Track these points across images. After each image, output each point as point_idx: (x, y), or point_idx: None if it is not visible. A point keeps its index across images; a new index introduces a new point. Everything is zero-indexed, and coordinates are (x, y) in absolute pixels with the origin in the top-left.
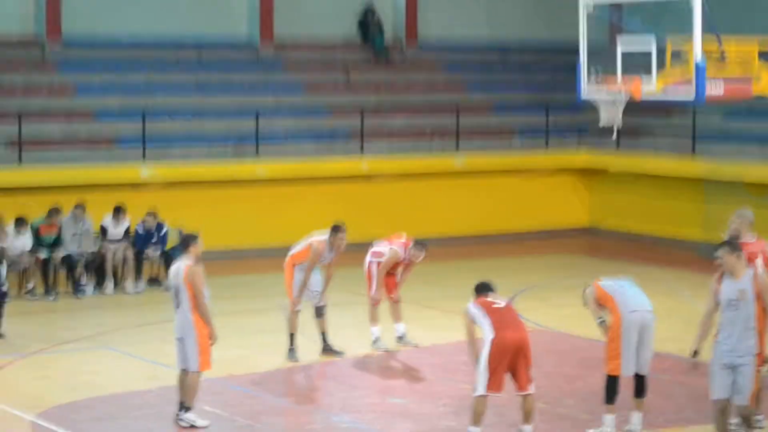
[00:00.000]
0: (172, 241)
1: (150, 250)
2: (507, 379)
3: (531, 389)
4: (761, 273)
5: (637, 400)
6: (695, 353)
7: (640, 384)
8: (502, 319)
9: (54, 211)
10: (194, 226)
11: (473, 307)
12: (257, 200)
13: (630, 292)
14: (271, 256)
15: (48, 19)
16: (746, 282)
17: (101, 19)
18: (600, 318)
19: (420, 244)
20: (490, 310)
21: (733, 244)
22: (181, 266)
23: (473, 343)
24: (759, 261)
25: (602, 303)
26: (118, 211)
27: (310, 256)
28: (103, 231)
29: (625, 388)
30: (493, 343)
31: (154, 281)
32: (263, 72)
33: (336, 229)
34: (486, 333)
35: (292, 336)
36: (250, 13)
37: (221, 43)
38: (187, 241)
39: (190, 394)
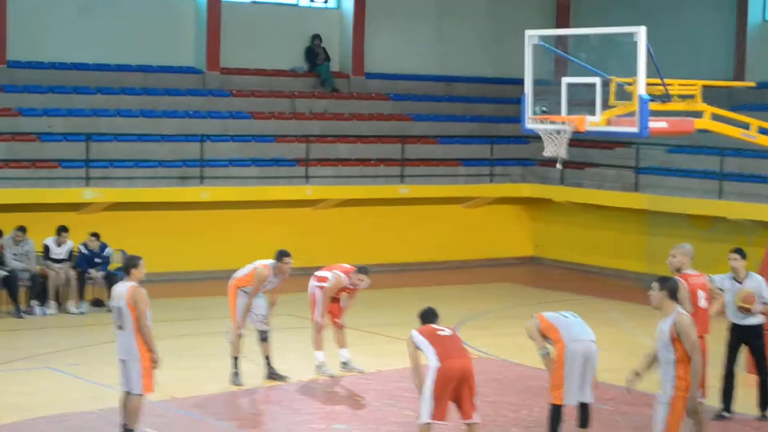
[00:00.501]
0: (115, 263)
1: (93, 271)
2: (451, 407)
3: (476, 418)
4: (686, 316)
5: (581, 430)
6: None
7: (584, 413)
8: (447, 347)
9: None
10: (138, 248)
11: (417, 335)
12: (201, 224)
13: (573, 322)
14: (215, 280)
15: None
16: (668, 323)
17: (46, 42)
18: (543, 350)
19: (363, 270)
20: (435, 338)
21: (665, 280)
22: (124, 288)
23: (418, 370)
24: (701, 293)
25: (546, 334)
26: (60, 231)
27: (254, 280)
28: (46, 251)
29: (569, 417)
30: (438, 371)
31: (97, 302)
32: (209, 98)
33: (281, 255)
34: (431, 361)
35: (235, 359)
36: (197, 41)
37: (167, 68)
38: (129, 264)
39: (133, 416)
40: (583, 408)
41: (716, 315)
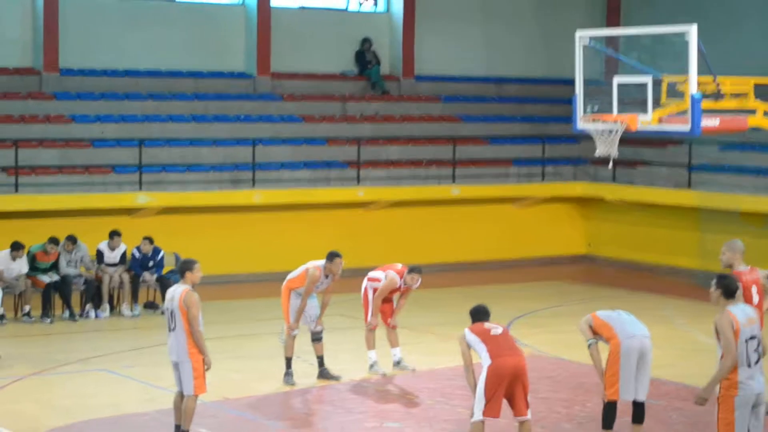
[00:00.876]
0: (168, 266)
1: (147, 274)
2: (504, 404)
3: (528, 414)
4: (725, 314)
5: (635, 427)
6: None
7: (638, 410)
8: (499, 345)
9: (51, 241)
10: (190, 252)
11: (469, 334)
12: (254, 227)
13: (627, 319)
14: (267, 282)
15: (45, 49)
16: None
17: (98, 50)
18: (590, 340)
19: (415, 270)
20: (487, 337)
21: (722, 278)
22: (177, 291)
23: (470, 369)
24: (754, 289)
25: (599, 332)
26: (113, 236)
27: (306, 281)
28: (99, 256)
29: (623, 414)
30: (490, 369)
31: (150, 305)
32: (260, 102)
33: (332, 256)
34: (483, 359)
35: (288, 360)
36: (247, 47)
37: (218, 73)
38: (184, 267)
39: (187, 417)
40: (638, 406)
41: None
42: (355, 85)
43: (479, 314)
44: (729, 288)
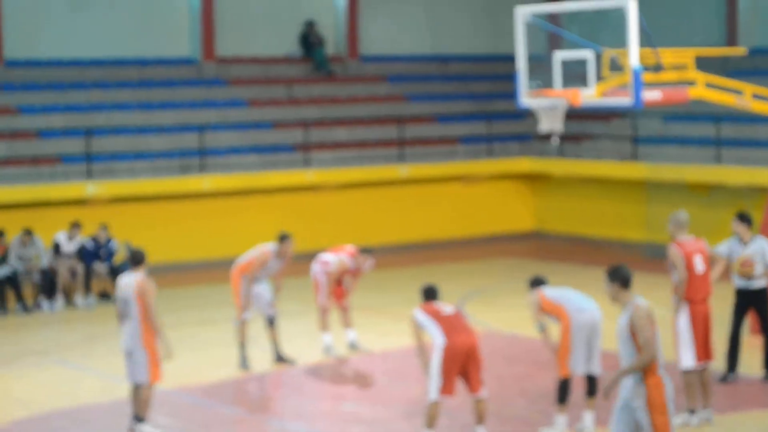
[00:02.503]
0: (120, 256)
1: (98, 264)
2: (459, 382)
3: (483, 392)
4: (642, 308)
5: (589, 400)
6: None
7: (591, 384)
8: (451, 324)
9: None
10: (141, 239)
11: (420, 314)
12: (203, 214)
13: (574, 296)
14: (219, 268)
15: None
16: (625, 317)
17: (42, 39)
18: (540, 324)
19: (366, 251)
20: (439, 317)
21: (615, 270)
22: (131, 279)
23: (422, 348)
24: (698, 258)
25: (548, 311)
26: (73, 228)
27: (255, 263)
28: (56, 247)
29: (577, 387)
30: (445, 348)
31: (103, 295)
32: (206, 88)
33: (283, 238)
34: (435, 339)
35: (242, 345)
36: (191, 31)
37: (163, 60)
38: (137, 257)
39: (144, 406)
40: (591, 380)
41: (717, 279)
42: (300, 68)
43: (429, 293)
44: (625, 277)
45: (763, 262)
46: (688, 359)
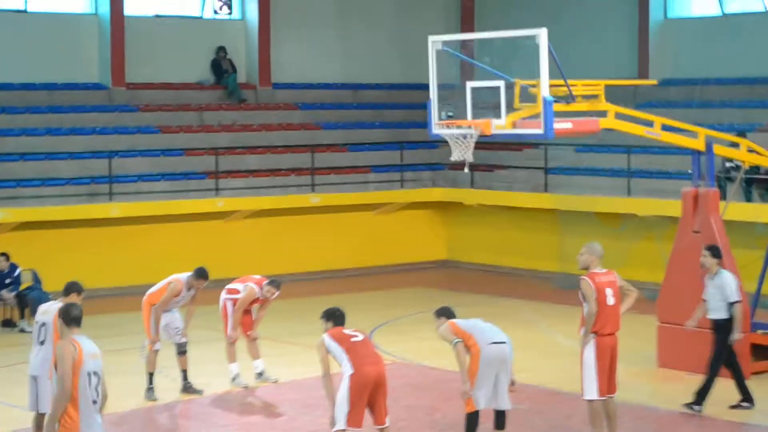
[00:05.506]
0: (26, 283)
1: (4, 292)
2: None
3: (387, 422)
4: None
5: None
6: None
7: (499, 418)
8: (360, 353)
9: None
10: (49, 267)
11: (329, 340)
12: (113, 241)
13: (485, 326)
14: (128, 296)
15: None
16: None
17: None
18: (456, 339)
19: (274, 281)
20: (348, 344)
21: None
22: (54, 306)
23: (328, 375)
24: (609, 291)
25: (460, 338)
26: None
27: (165, 293)
28: None
29: (486, 420)
30: (353, 378)
31: (7, 323)
32: (116, 113)
33: (199, 273)
34: (344, 368)
35: (150, 375)
36: (101, 56)
37: (73, 85)
38: (74, 288)
39: None
40: (499, 414)
41: (626, 311)
42: (211, 95)
43: (335, 317)
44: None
45: (723, 298)
46: (591, 391)
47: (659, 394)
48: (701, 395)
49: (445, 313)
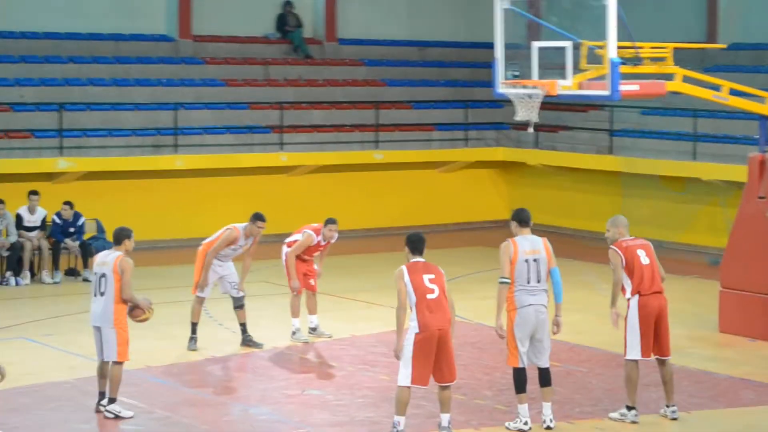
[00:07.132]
0: (89, 232)
1: (68, 241)
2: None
3: (452, 381)
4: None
5: (543, 390)
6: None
7: (543, 374)
8: (431, 311)
9: None
10: (112, 217)
11: (408, 279)
12: (175, 192)
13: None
14: (189, 248)
15: None
16: None
17: (17, 11)
18: (504, 279)
19: (331, 221)
20: (421, 299)
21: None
22: (111, 256)
23: (403, 308)
24: (641, 251)
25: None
26: (31, 195)
27: (222, 241)
28: (19, 219)
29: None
30: (418, 337)
31: (71, 272)
32: (182, 65)
33: (256, 218)
34: (412, 320)
35: (194, 325)
36: (168, 8)
37: (139, 36)
38: (123, 234)
39: (114, 385)
40: (542, 370)
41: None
42: (277, 49)
43: (410, 242)
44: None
45: None
46: (634, 352)
47: (719, 359)
48: None
49: (517, 217)
